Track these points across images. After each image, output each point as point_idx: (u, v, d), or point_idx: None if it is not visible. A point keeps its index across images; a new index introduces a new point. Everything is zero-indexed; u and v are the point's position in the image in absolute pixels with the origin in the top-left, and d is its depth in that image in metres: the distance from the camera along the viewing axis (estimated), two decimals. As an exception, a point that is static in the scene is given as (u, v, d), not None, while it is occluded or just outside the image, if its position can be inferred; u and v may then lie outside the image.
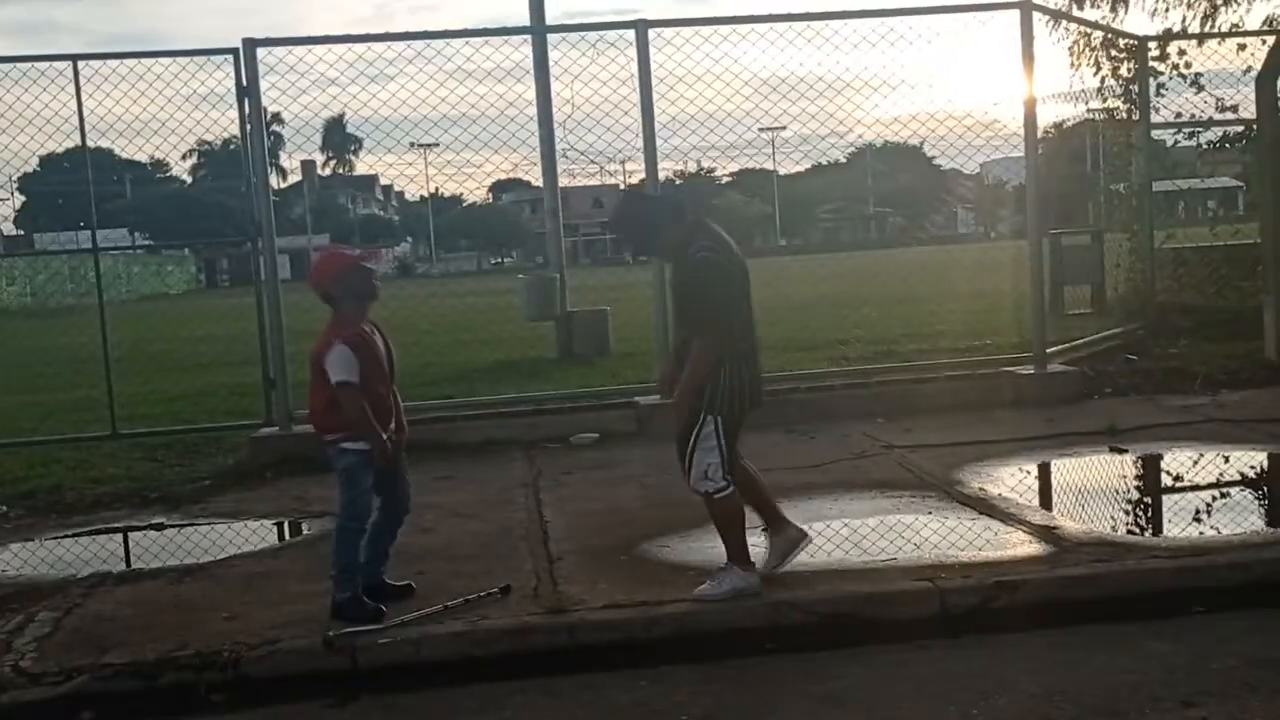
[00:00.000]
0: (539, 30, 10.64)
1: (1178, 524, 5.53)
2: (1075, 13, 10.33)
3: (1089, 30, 10.01)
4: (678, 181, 75.96)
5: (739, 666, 4.23)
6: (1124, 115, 10.73)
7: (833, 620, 4.45)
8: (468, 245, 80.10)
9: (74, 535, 6.47)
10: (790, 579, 4.74)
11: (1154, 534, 5.43)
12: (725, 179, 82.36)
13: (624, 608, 4.51)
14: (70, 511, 6.96)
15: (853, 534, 5.39)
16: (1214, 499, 5.80)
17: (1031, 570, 4.68)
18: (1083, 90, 10.56)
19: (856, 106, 9.10)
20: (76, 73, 7.96)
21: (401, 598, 4.73)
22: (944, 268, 24.43)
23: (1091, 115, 11.31)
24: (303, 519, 6.52)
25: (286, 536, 6.36)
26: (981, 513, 5.62)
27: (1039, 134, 9.91)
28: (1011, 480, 6.32)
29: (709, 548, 5.00)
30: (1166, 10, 10.71)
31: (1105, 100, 10.73)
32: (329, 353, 4.55)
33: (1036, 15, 8.73)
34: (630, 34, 8.10)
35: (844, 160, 73.93)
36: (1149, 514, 5.82)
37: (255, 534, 6.33)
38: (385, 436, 4.65)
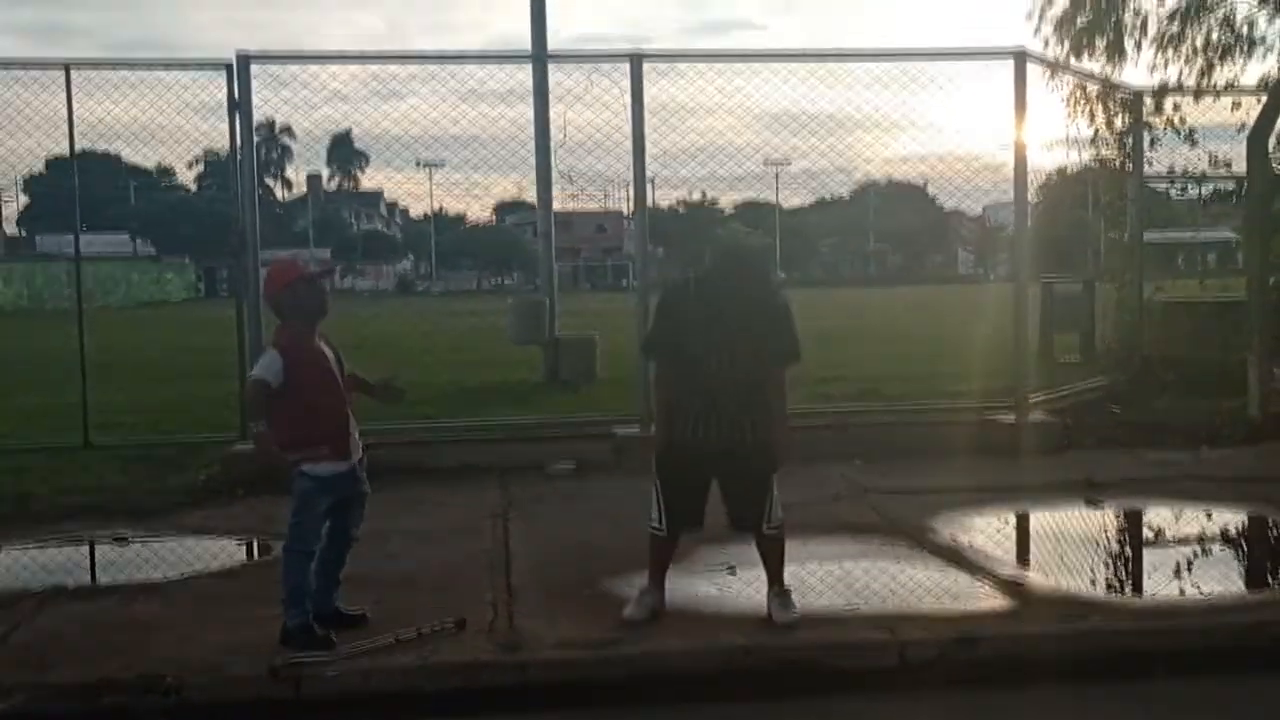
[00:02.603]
0: (539, 57, 10.67)
1: (1146, 583, 5.48)
2: (1072, 63, 10.30)
3: (1085, 82, 10.02)
4: (680, 210, 76.45)
5: (693, 712, 4.16)
6: (1118, 166, 10.74)
7: (791, 668, 4.39)
8: (469, 264, 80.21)
9: (36, 547, 6.39)
10: (749, 624, 4.67)
11: (1121, 593, 5.37)
12: (729, 210, 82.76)
13: (579, 647, 4.44)
14: (36, 522, 6.88)
15: (820, 580, 5.33)
16: (1185, 559, 5.73)
17: (994, 626, 4.62)
18: (1079, 137, 10.57)
19: (864, 146, 9.12)
20: (69, 79, 7.98)
21: (355, 626, 4.66)
22: (939, 307, 24.49)
23: (1093, 163, 11.33)
24: (269, 539, 6.42)
25: (250, 556, 6.29)
26: (950, 563, 5.56)
27: (1041, 179, 9.93)
28: (984, 530, 6.26)
29: (671, 588, 4.94)
30: (1165, 65, 10.70)
31: (1099, 151, 10.74)
32: (259, 357, 4.53)
33: (1032, 65, 8.76)
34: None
35: (847, 196, 74.26)
36: (1118, 572, 5.75)
37: (218, 553, 6.26)
38: (348, 455, 4.60)
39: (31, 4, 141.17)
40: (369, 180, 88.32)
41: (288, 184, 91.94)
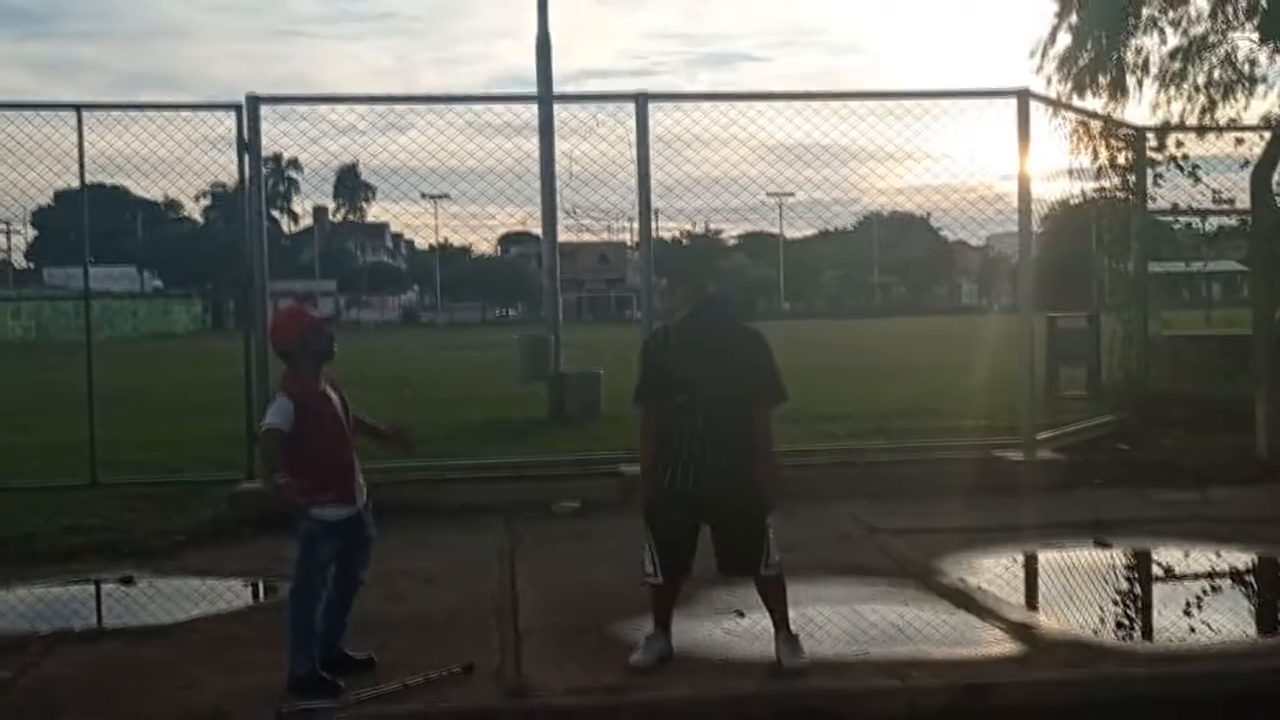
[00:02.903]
0: (545, 98, 10.77)
1: (1157, 628, 5.44)
2: (1075, 101, 10.39)
3: (1087, 120, 10.09)
4: (685, 242, 76.69)
5: (700, 761, 4.13)
6: (1122, 201, 10.78)
7: (801, 716, 4.36)
8: (473, 296, 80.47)
9: (43, 587, 6.38)
10: (758, 670, 4.65)
11: (1132, 637, 5.33)
12: (732, 241, 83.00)
13: (587, 693, 4.42)
14: (42, 562, 6.87)
15: (827, 623, 5.30)
16: (1196, 603, 5.69)
17: (1004, 673, 4.59)
18: (1082, 168, 10.60)
19: (866, 175, 9.11)
20: (80, 121, 8.07)
21: (362, 671, 4.64)
22: (944, 339, 24.48)
23: (1096, 195, 11.35)
24: (275, 580, 6.41)
25: (256, 598, 6.28)
26: (959, 606, 5.53)
27: (1045, 210, 9.94)
28: (992, 572, 6.24)
29: (678, 632, 4.92)
30: (1168, 103, 10.79)
31: (1103, 184, 10.79)
32: (269, 403, 4.53)
33: (1035, 103, 8.82)
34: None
35: (851, 228, 74.58)
36: (1129, 615, 5.71)
37: (225, 594, 6.25)
38: (352, 500, 4.60)
39: (41, 39, 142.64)
40: (375, 212, 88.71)
41: (294, 216, 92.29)
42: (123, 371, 14.64)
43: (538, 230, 13.69)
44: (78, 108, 8.01)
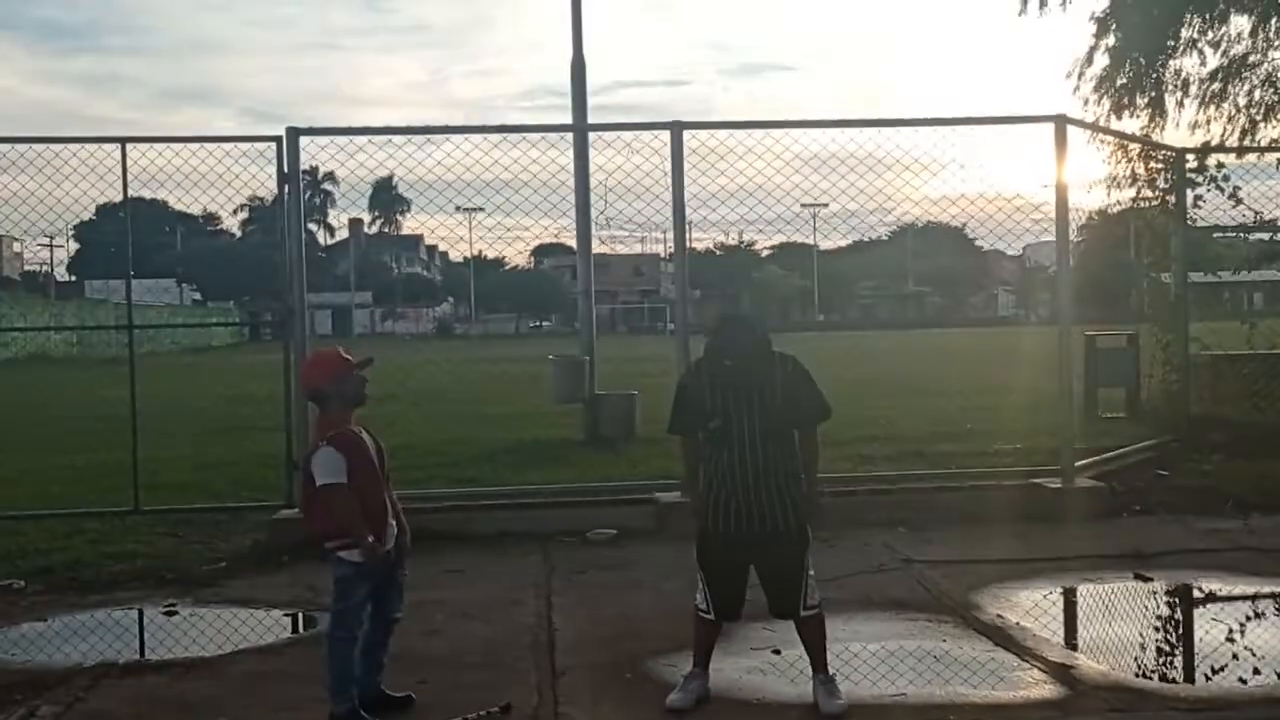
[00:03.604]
0: (580, 128, 10.82)
1: (1200, 668, 5.37)
2: (1113, 121, 10.32)
3: (1125, 143, 10.00)
4: (718, 253, 76.71)
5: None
6: (1161, 222, 10.66)
7: (836, 761, 4.34)
8: (507, 307, 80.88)
9: (87, 615, 6.49)
10: (795, 713, 4.64)
11: (1174, 680, 5.26)
12: (766, 252, 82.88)
13: (623, 735, 4.43)
14: (86, 590, 6.99)
15: (866, 662, 5.28)
16: (1239, 641, 5.62)
17: (1044, 716, 4.55)
18: (1118, 176, 10.48)
19: (900, 185, 9.03)
20: (124, 154, 8.19)
21: (401, 710, 4.69)
22: (980, 353, 24.31)
23: (1134, 214, 11.23)
24: (314, 611, 6.49)
25: (296, 630, 6.35)
26: (998, 644, 5.50)
27: (1082, 219, 9.82)
28: (1031, 607, 6.18)
29: (715, 669, 4.92)
30: (1208, 123, 10.68)
31: (1142, 207, 10.69)
32: (315, 455, 4.55)
33: (1072, 127, 8.76)
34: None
35: (885, 238, 74.30)
36: (1170, 655, 5.65)
37: (265, 626, 6.32)
38: (383, 542, 4.63)
39: (83, 54, 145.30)
40: (409, 225, 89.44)
41: (330, 229, 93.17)
42: (163, 386, 14.81)
43: (571, 242, 13.76)
44: (123, 141, 8.15)
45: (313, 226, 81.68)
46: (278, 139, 8.06)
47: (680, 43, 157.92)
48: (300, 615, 6.53)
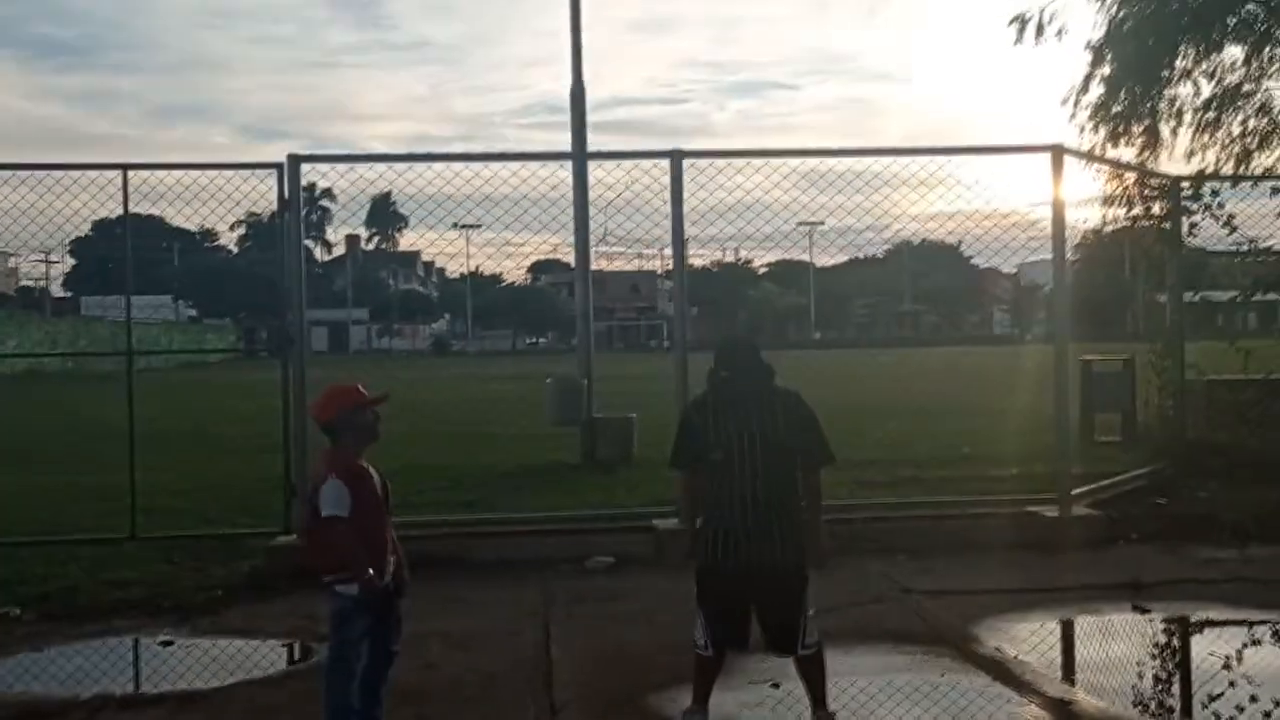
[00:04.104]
0: (579, 156, 10.85)
1: (1196, 703, 5.37)
2: (1109, 149, 10.38)
3: (1121, 171, 10.06)
4: (714, 270, 76.87)
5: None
6: (1157, 251, 10.70)
7: (836, 797, 4.34)
8: (504, 324, 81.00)
9: (84, 646, 6.47)
10: (793, 750, 4.64)
11: (1170, 714, 5.27)
12: (762, 269, 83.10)
13: (622, 773, 4.42)
14: (83, 619, 6.96)
15: (865, 697, 5.28)
16: (1239, 676, 5.62)
17: (1043, 755, 4.56)
18: (1117, 198, 10.49)
19: (896, 201, 9.02)
20: (125, 181, 8.22)
21: (400, 746, 4.68)
22: (976, 373, 24.32)
23: (1131, 241, 11.25)
24: (312, 641, 6.47)
25: (293, 661, 6.33)
26: (996, 678, 5.50)
27: (1077, 238, 9.82)
28: (1029, 639, 6.19)
29: (713, 703, 4.92)
30: (1203, 150, 10.75)
31: (1137, 231, 10.73)
32: (323, 486, 4.55)
33: (1068, 156, 8.81)
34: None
35: (881, 255, 74.48)
36: (1167, 690, 5.65)
37: (263, 656, 6.30)
38: (382, 576, 4.62)
39: (80, 71, 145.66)
40: (406, 241, 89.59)
41: (327, 245, 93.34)
42: (159, 404, 14.80)
43: (568, 258, 13.79)
44: (124, 167, 8.17)
45: (310, 243, 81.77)
46: (279, 166, 8.08)
47: (677, 60, 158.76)
48: (298, 645, 6.51)
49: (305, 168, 8.22)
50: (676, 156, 8.25)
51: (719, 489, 4.70)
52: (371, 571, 4.58)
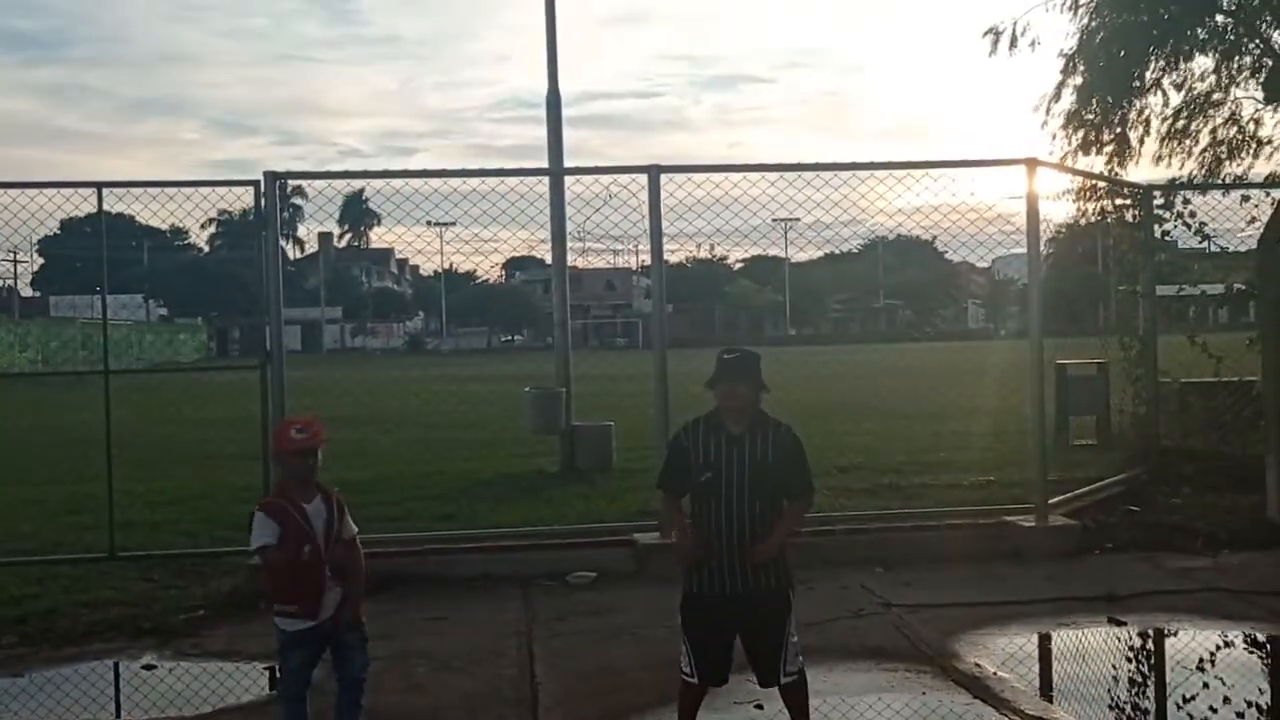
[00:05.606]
0: (556, 172, 10.82)
1: (1172, 718, 5.46)
2: (1080, 158, 10.50)
3: (1094, 182, 10.18)
4: (689, 266, 76.94)
5: None
6: (1130, 258, 10.82)
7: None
8: (479, 321, 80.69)
9: (64, 669, 6.43)
10: (778, 776, 4.68)
11: (1149, 731, 5.36)
12: (738, 265, 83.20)
13: (609, 801, 4.45)
14: (62, 641, 6.91)
15: (846, 718, 5.33)
16: (1209, 690, 5.71)
17: (1023, 777, 4.62)
18: (1085, 188, 10.57)
19: (870, 195, 9.04)
20: (100, 199, 8.16)
21: (385, 774, 4.70)
22: (951, 370, 24.42)
23: (1103, 218, 11.26)
24: (293, 663, 6.47)
25: (274, 684, 6.30)
26: (976, 696, 5.57)
27: (1050, 232, 9.87)
28: (1008, 654, 6.27)
29: (695, 726, 4.95)
30: (1171, 155, 10.88)
31: (1111, 237, 10.84)
32: (252, 518, 4.69)
33: (1041, 168, 8.90)
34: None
35: (856, 251, 74.68)
36: (1142, 705, 5.74)
37: (244, 680, 6.28)
38: (316, 612, 4.65)
39: (48, 64, 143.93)
40: (379, 237, 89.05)
41: (299, 243, 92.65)
42: (132, 408, 14.59)
43: (542, 254, 13.77)
44: (99, 185, 8.11)
45: (282, 241, 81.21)
46: (255, 183, 8.05)
47: (652, 54, 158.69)
48: (277, 669, 6.48)
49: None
50: (654, 172, 8.27)
51: (705, 509, 4.70)
52: (294, 607, 4.66)
